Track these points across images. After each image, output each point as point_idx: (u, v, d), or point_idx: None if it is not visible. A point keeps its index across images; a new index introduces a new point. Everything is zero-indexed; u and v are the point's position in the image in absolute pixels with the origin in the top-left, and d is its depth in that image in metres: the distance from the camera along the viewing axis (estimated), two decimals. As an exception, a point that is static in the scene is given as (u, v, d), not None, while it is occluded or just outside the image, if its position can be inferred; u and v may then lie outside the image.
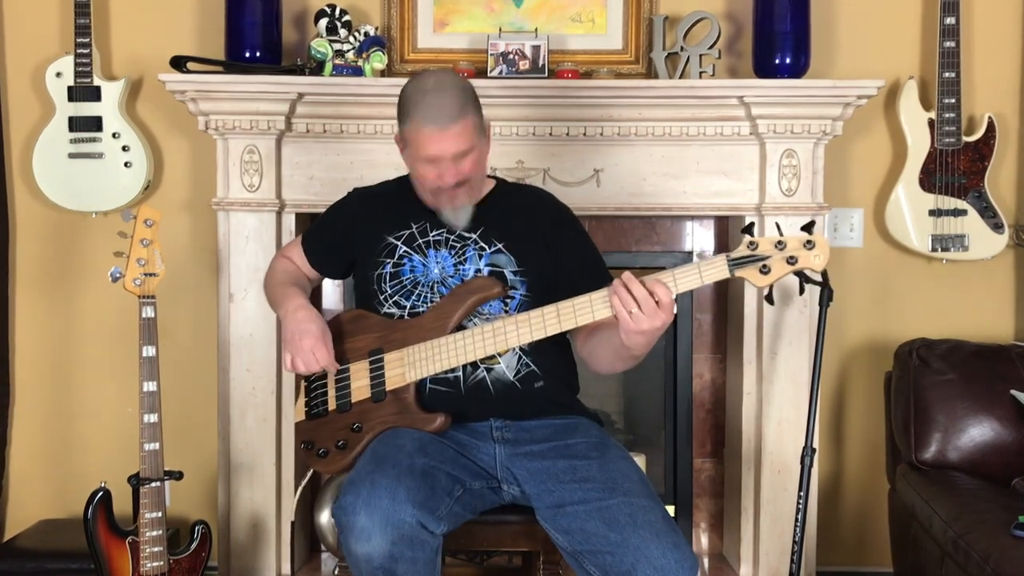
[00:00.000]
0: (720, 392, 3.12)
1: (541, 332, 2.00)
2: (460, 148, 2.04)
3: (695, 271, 1.90)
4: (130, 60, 3.02)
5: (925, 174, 2.95)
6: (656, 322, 1.85)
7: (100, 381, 3.08)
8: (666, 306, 1.85)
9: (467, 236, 2.15)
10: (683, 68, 2.86)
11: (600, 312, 1.94)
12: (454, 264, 2.14)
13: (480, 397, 2.10)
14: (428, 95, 2.03)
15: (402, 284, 2.14)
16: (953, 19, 2.88)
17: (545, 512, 1.97)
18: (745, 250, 1.89)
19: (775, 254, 1.88)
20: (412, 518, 1.80)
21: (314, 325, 2.10)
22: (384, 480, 1.83)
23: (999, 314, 3.08)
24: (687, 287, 1.90)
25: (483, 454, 2.08)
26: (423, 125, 2.03)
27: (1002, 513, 2.32)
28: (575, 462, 2.01)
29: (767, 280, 1.89)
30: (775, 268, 1.88)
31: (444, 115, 2.01)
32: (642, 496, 1.92)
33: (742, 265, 1.89)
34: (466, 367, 2.09)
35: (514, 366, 2.11)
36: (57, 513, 3.09)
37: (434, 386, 2.09)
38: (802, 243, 1.88)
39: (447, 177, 2.06)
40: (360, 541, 1.80)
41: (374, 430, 2.07)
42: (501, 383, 2.10)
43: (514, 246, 2.15)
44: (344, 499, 1.84)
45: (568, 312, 1.97)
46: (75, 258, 3.06)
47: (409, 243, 2.16)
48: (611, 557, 1.84)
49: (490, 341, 2.02)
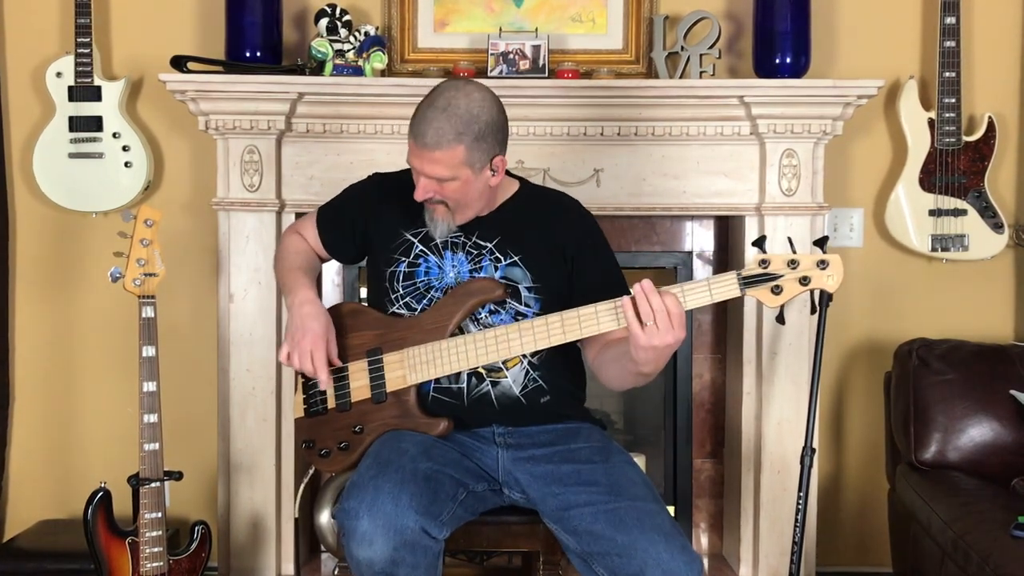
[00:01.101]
0: (720, 392, 3.12)
1: (545, 341, 1.97)
2: (435, 173, 1.98)
3: (705, 288, 1.87)
4: (130, 60, 3.02)
5: (925, 174, 2.95)
6: (668, 337, 1.81)
7: (100, 381, 3.08)
8: (678, 320, 1.81)
9: (483, 244, 2.10)
10: (683, 68, 2.85)
11: (606, 324, 1.92)
12: (470, 271, 2.10)
13: (483, 410, 2.09)
14: (431, 110, 1.98)
15: (415, 286, 2.12)
16: (953, 19, 2.88)
17: (551, 515, 1.97)
18: (757, 268, 1.85)
19: (787, 273, 1.84)
20: (415, 524, 1.80)
21: (317, 323, 2.06)
22: (387, 485, 1.82)
23: (999, 314, 3.08)
24: (696, 304, 1.87)
25: (486, 457, 2.08)
26: (410, 135, 2.00)
27: (1002, 513, 2.32)
28: (579, 466, 2.01)
29: (779, 301, 1.85)
30: (787, 288, 1.84)
31: (431, 137, 1.96)
32: (648, 500, 1.92)
33: (753, 284, 1.86)
34: (471, 379, 2.07)
35: (521, 380, 2.09)
36: (57, 513, 3.09)
37: (437, 395, 2.08)
38: (815, 263, 1.84)
39: (417, 191, 2.03)
40: (362, 546, 1.80)
41: (376, 432, 2.07)
42: (506, 397, 2.08)
43: (530, 260, 2.09)
44: (347, 503, 1.84)
45: (573, 322, 1.94)
46: (75, 258, 3.06)
47: (426, 242, 2.12)
48: (620, 559, 1.84)
49: (492, 348, 2.00)
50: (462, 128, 1.96)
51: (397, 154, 2.82)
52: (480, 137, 1.98)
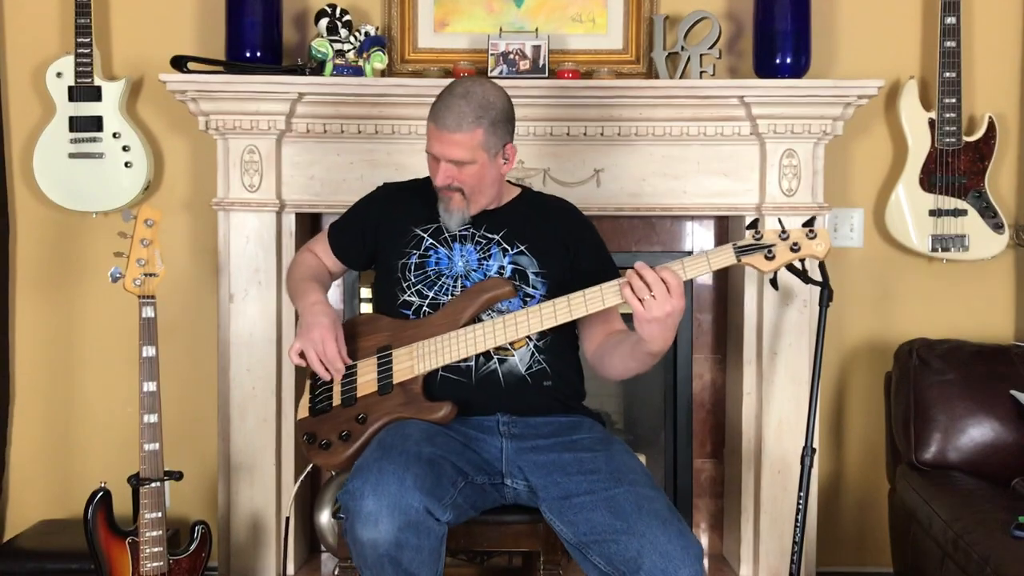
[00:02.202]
0: (720, 392, 3.12)
1: (552, 320, 2.05)
2: (456, 156, 2.10)
3: (703, 258, 1.99)
4: (130, 60, 3.02)
5: (925, 174, 2.94)
6: (667, 306, 1.89)
7: (100, 381, 3.08)
8: (676, 289, 1.90)
9: (491, 236, 2.20)
10: (683, 68, 2.85)
11: (610, 299, 2.01)
12: (478, 259, 2.19)
13: (489, 389, 2.12)
14: (450, 98, 2.10)
15: (426, 274, 2.19)
16: (953, 19, 2.88)
17: (551, 503, 1.99)
18: (750, 239, 1.99)
19: (779, 242, 1.98)
20: (419, 503, 1.82)
21: (326, 318, 2.15)
22: (391, 467, 1.85)
23: (999, 314, 3.08)
24: (695, 274, 1.99)
25: (490, 447, 2.10)
26: (432, 121, 2.11)
27: (1002, 513, 2.32)
28: (581, 455, 2.04)
29: (772, 265, 1.99)
30: (779, 254, 1.98)
31: (452, 120, 2.08)
32: (647, 486, 1.95)
33: (748, 252, 1.99)
34: (478, 358, 2.12)
35: (527, 360, 2.14)
36: (57, 513, 3.09)
37: (445, 374, 2.13)
38: (804, 233, 1.99)
39: (437, 177, 2.14)
40: (367, 526, 1.81)
41: (379, 421, 2.08)
42: (512, 375, 2.13)
43: (536, 248, 2.20)
44: (351, 484, 1.86)
45: (579, 301, 2.03)
46: (75, 258, 3.06)
47: (436, 236, 2.21)
48: (616, 545, 1.86)
49: (500, 331, 2.07)
50: (481, 112, 2.09)
51: (397, 154, 2.84)
52: (496, 122, 2.12)
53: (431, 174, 2.17)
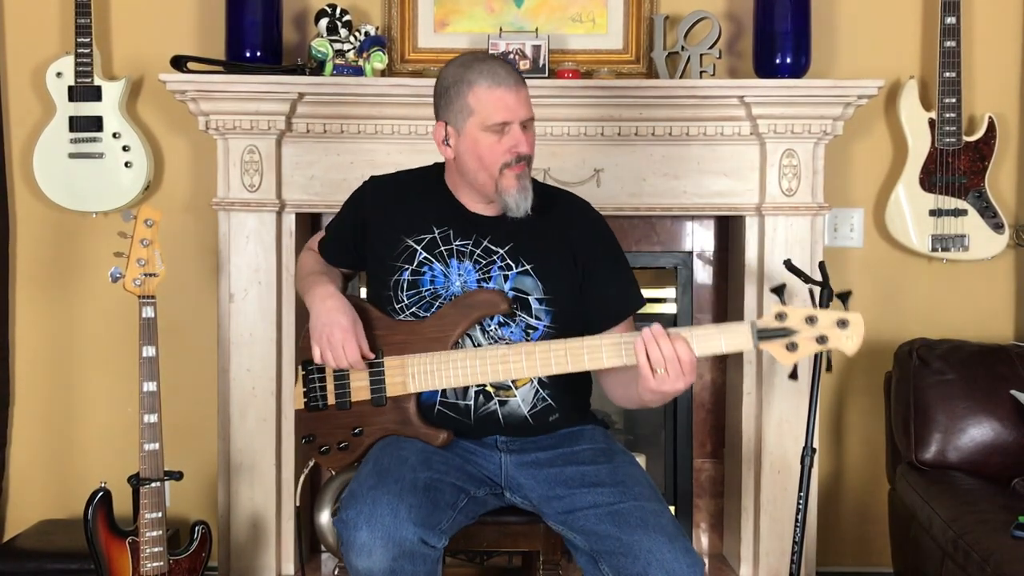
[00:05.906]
0: (720, 392, 3.12)
1: (547, 369, 1.96)
2: (529, 113, 1.99)
3: (717, 336, 1.83)
4: (130, 60, 3.02)
5: (925, 174, 2.94)
6: (679, 384, 1.82)
7: (100, 381, 3.08)
8: (688, 367, 1.81)
9: (494, 250, 2.05)
10: (683, 68, 2.85)
11: (610, 360, 1.91)
12: (477, 280, 2.05)
13: (489, 427, 2.07)
14: (488, 62, 1.98)
15: (421, 295, 2.06)
16: (953, 19, 2.88)
17: (557, 517, 1.96)
18: (773, 321, 1.80)
19: (804, 330, 1.79)
20: (413, 535, 1.78)
21: (344, 316, 2.02)
22: (386, 497, 1.81)
23: (999, 314, 3.08)
24: (706, 352, 1.84)
25: (488, 462, 2.06)
26: (496, 85, 1.94)
27: (1002, 513, 2.32)
28: (583, 468, 2.00)
29: (792, 358, 1.81)
30: (802, 347, 1.79)
31: (514, 75, 1.97)
32: (652, 500, 1.92)
33: (768, 338, 1.81)
34: (478, 396, 2.04)
35: (530, 400, 2.06)
36: (57, 513, 3.08)
37: (443, 409, 2.06)
38: (835, 322, 1.77)
39: (521, 146, 1.97)
40: (361, 556, 1.79)
41: (375, 435, 2.06)
42: (514, 417, 2.06)
43: (543, 269, 2.05)
44: (346, 514, 1.83)
45: (578, 353, 1.93)
46: (75, 258, 3.06)
47: (430, 249, 2.06)
48: (624, 559, 1.84)
49: (494, 368, 1.98)
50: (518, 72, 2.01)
51: (397, 154, 2.83)
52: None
53: (497, 153, 1.97)
